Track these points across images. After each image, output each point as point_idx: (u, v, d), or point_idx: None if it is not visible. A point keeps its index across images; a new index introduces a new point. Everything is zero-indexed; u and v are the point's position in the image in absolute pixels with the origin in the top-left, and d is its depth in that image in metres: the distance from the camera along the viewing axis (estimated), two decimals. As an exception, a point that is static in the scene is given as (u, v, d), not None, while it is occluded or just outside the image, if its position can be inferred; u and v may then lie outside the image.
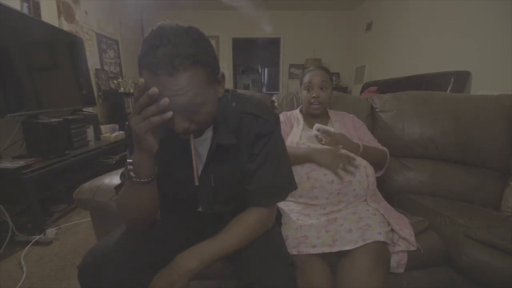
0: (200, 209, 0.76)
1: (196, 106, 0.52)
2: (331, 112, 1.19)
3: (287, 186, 0.72)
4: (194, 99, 0.50)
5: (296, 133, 1.09)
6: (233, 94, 0.69)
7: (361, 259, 0.76)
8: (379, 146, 1.12)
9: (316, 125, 1.03)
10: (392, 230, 0.84)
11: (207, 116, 0.55)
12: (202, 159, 0.68)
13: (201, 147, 0.67)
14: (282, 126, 1.15)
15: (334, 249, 0.79)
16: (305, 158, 0.94)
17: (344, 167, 0.89)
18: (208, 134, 0.66)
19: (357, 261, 0.76)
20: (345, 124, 1.15)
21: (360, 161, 0.94)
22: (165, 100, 0.46)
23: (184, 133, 0.54)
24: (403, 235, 0.83)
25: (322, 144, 1.00)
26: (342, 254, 0.81)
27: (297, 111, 1.23)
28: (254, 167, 0.66)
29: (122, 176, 0.71)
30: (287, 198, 0.95)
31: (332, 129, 1.02)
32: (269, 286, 0.57)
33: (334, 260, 0.83)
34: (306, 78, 1.14)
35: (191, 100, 0.50)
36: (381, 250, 0.79)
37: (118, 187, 0.69)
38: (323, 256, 0.80)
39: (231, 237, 0.63)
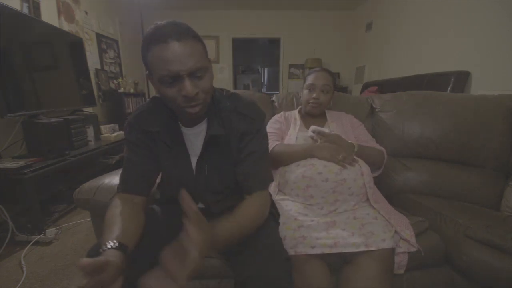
0: (199, 205, 0.78)
1: (201, 71, 0.59)
2: (328, 113, 1.20)
3: (270, 177, 0.78)
4: (199, 64, 0.58)
5: (293, 135, 1.10)
6: (227, 93, 0.76)
7: (368, 266, 0.75)
8: (377, 146, 1.12)
9: (312, 127, 1.04)
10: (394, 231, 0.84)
11: (209, 85, 0.62)
12: (198, 151, 0.72)
13: (197, 139, 0.73)
14: (279, 125, 1.16)
15: (335, 251, 0.78)
16: (306, 152, 0.97)
17: (344, 158, 0.91)
18: (203, 126, 0.72)
19: (364, 268, 0.75)
20: (342, 124, 1.15)
21: (355, 160, 0.95)
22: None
23: (195, 99, 0.59)
24: (404, 236, 0.83)
25: None
26: (346, 260, 0.81)
27: (296, 111, 1.24)
28: (241, 159, 0.72)
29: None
30: (285, 198, 0.96)
31: (327, 131, 1.03)
32: (265, 279, 0.58)
33: (335, 265, 0.83)
34: (310, 79, 1.14)
35: (197, 63, 0.57)
36: (388, 257, 0.79)
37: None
38: (322, 257, 0.80)
39: (244, 219, 0.64)
